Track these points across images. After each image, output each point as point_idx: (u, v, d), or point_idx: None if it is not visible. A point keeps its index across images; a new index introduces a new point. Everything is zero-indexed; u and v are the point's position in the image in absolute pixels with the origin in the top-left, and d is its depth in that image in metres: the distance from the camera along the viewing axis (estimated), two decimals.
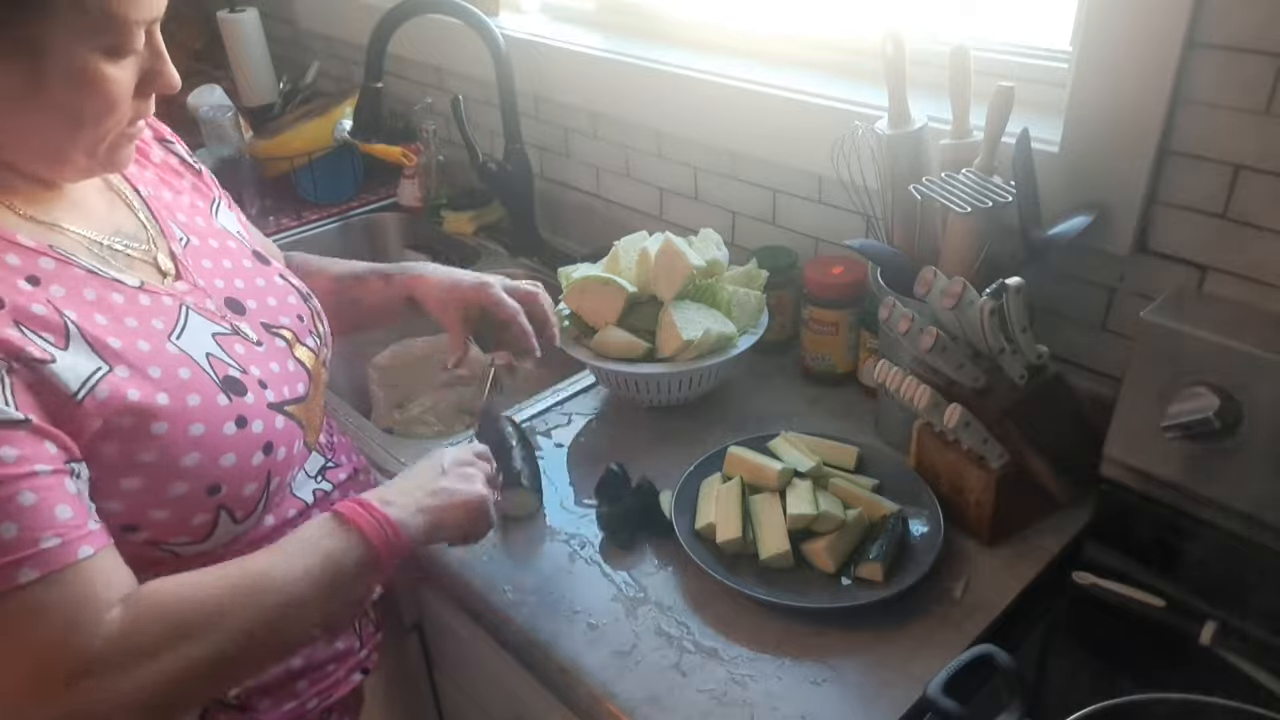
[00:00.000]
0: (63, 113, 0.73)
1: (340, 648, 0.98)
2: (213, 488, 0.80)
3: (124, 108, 0.75)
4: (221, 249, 0.95)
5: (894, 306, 0.99)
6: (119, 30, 0.71)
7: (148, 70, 0.77)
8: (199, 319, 0.85)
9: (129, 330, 0.78)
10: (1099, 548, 1.02)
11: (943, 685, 0.79)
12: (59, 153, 0.76)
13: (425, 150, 1.87)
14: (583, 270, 1.29)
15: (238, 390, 0.83)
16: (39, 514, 0.66)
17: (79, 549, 0.68)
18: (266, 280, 0.97)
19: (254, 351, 0.88)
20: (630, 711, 0.87)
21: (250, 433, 0.82)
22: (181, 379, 0.79)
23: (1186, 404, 0.89)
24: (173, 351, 0.80)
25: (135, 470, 0.75)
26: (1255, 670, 0.87)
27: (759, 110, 1.31)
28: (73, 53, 0.70)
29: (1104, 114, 0.99)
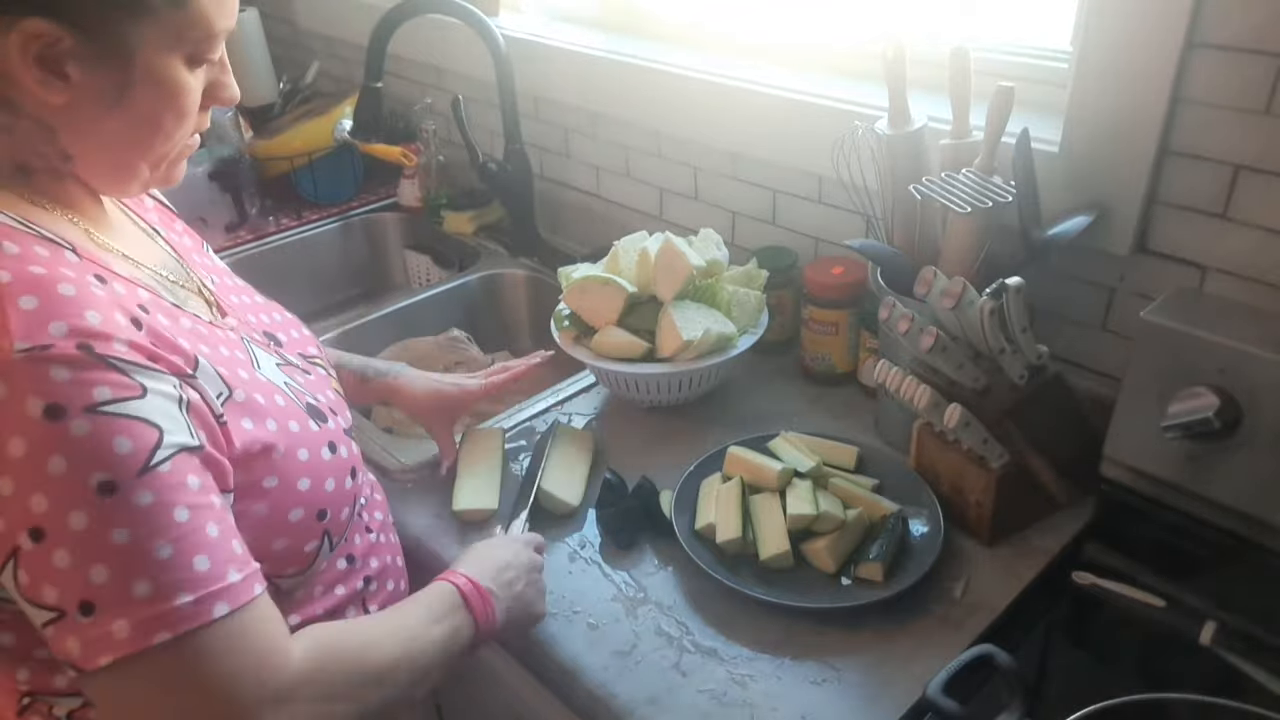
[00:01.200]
0: (142, 121, 0.70)
1: None
2: (321, 513, 0.79)
3: (194, 119, 0.74)
4: (235, 286, 0.93)
5: (894, 306, 0.99)
6: (206, 37, 0.70)
7: (213, 81, 0.75)
8: (260, 352, 0.83)
9: (225, 359, 0.76)
10: (1099, 548, 1.02)
11: (943, 685, 0.79)
12: (128, 165, 0.74)
13: (425, 150, 1.87)
14: (583, 270, 1.29)
15: (320, 417, 0.82)
16: (222, 548, 0.65)
17: (254, 585, 0.67)
18: (281, 315, 0.96)
19: (309, 380, 0.87)
20: (630, 711, 0.87)
21: (340, 458, 0.82)
22: (279, 405, 0.78)
23: (1186, 404, 0.89)
24: (263, 380, 0.78)
25: (261, 496, 0.74)
26: (1255, 670, 0.87)
27: (759, 110, 1.31)
28: (160, 59, 0.68)
29: (1104, 114, 0.99)
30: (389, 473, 1.20)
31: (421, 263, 1.90)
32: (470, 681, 1.17)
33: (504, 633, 0.87)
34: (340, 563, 0.87)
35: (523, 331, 1.73)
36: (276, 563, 0.77)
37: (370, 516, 0.94)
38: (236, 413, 0.72)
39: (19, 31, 0.62)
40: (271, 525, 0.75)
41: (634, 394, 1.24)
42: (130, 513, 0.60)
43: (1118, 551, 1.00)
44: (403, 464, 1.21)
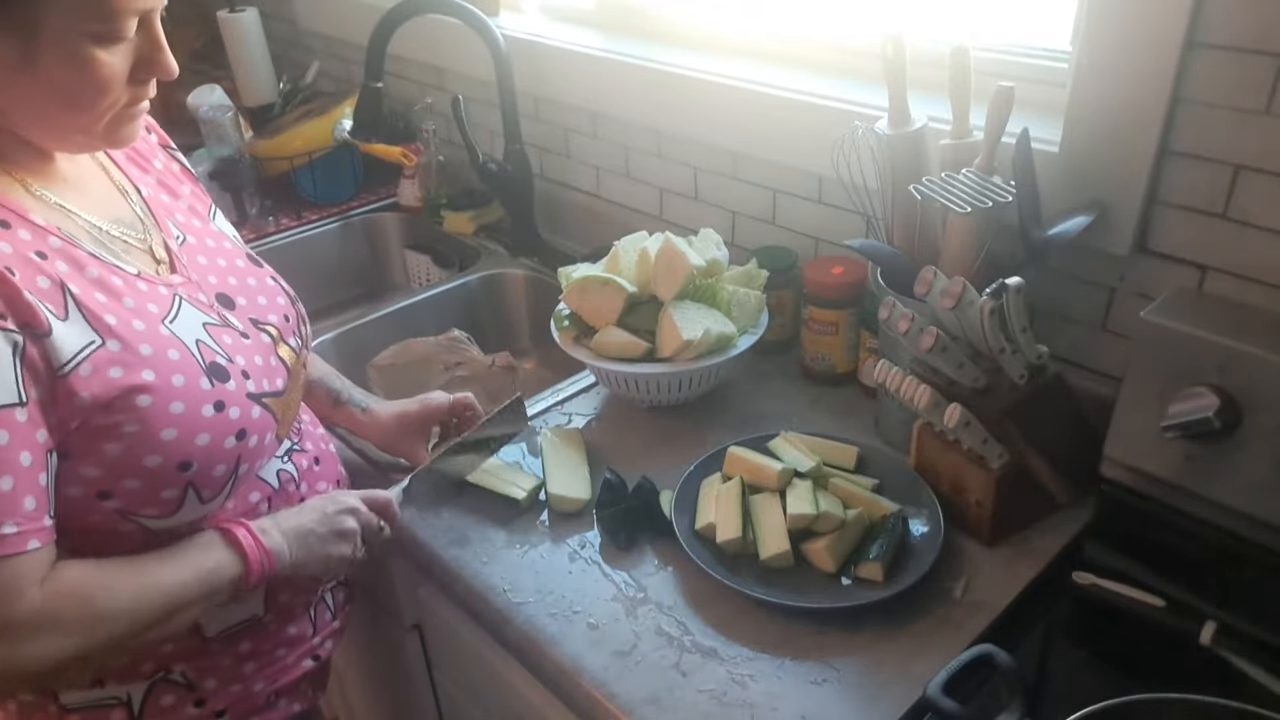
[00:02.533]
0: (56, 91, 0.76)
1: (292, 633, 1.01)
2: (184, 464, 0.83)
3: (116, 91, 0.78)
4: (217, 249, 0.98)
5: (894, 306, 0.99)
6: (110, 17, 0.74)
7: (144, 58, 0.79)
8: (191, 309, 0.89)
9: (126, 309, 0.82)
10: (1099, 548, 1.02)
11: (943, 685, 0.79)
12: (59, 128, 0.80)
13: (425, 150, 1.87)
14: (583, 270, 1.29)
15: (221, 376, 0.87)
16: (10, 500, 0.73)
17: (29, 541, 0.74)
18: (258, 280, 1.00)
19: (240, 343, 0.92)
20: (630, 711, 0.87)
21: (227, 417, 0.86)
22: (169, 359, 0.83)
23: (1186, 404, 0.89)
24: (164, 334, 0.84)
25: (117, 438, 0.79)
26: (1255, 670, 0.87)
27: (759, 110, 1.31)
28: (65, 35, 0.73)
29: (1104, 114, 0.99)
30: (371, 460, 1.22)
31: (421, 263, 1.90)
32: (470, 681, 1.17)
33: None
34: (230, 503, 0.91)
35: (523, 331, 1.73)
36: (128, 500, 0.82)
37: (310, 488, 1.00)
38: (102, 362, 0.78)
39: None
40: (124, 465, 0.80)
41: (634, 394, 1.24)
42: None
43: (1118, 551, 1.00)
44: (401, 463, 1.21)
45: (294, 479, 0.99)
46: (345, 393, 1.19)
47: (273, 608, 0.98)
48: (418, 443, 1.18)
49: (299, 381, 1.00)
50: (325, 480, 1.04)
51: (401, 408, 1.18)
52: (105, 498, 0.81)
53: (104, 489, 0.81)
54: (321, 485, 1.03)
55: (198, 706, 0.93)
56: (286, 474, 0.98)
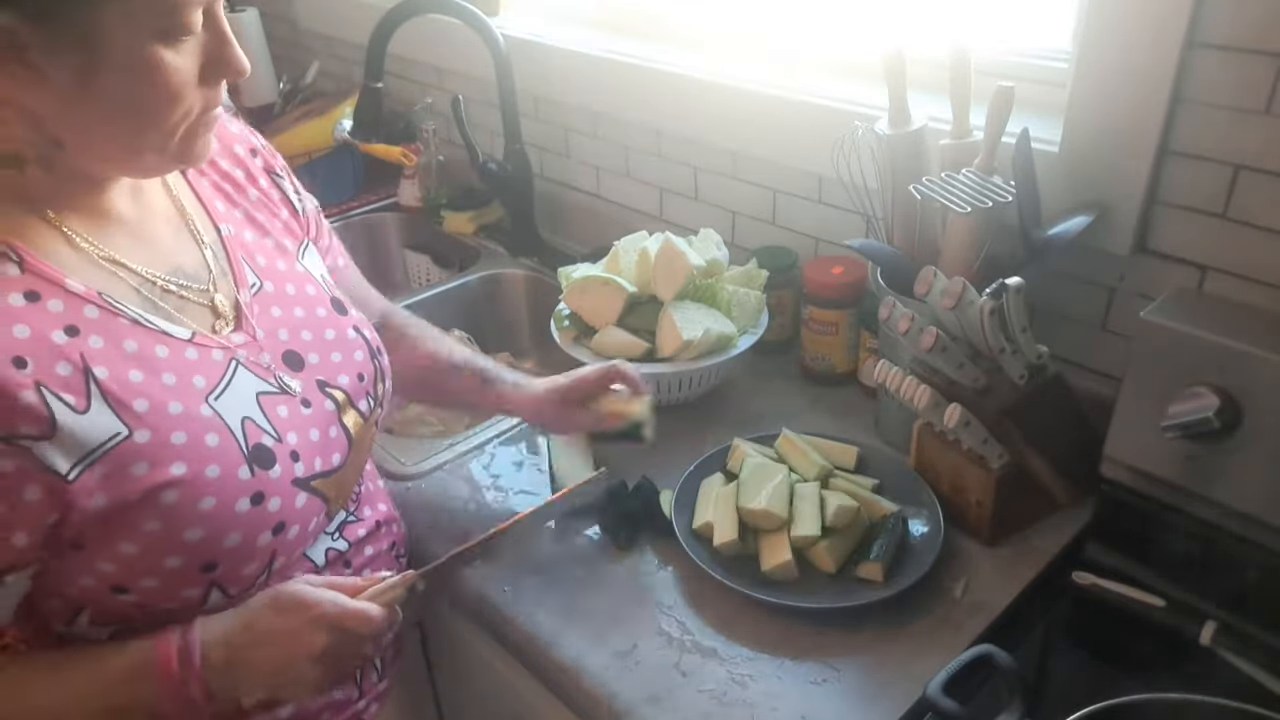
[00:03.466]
0: (124, 107, 0.69)
1: (337, 698, 0.94)
2: (209, 565, 0.77)
3: (189, 97, 0.71)
4: (297, 295, 0.90)
5: (894, 306, 0.99)
6: (171, 10, 0.67)
7: (212, 55, 0.72)
8: (247, 375, 0.81)
9: (164, 388, 0.74)
10: (1099, 548, 1.02)
11: (943, 685, 0.79)
12: (128, 149, 0.72)
13: (425, 150, 1.87)
14: (583, 270, 1.29)
15: (265, 463, 0.79)
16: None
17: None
18: (337, 332, 0.91)
19: (298, 415, 0.84)
20: (630, 711, 0.87)
21: (264, 510, 0.78)
22: (206, 446, 0.75)
23: (1186, 404, 0.89)
24: (205, 415, 0.76)
25: (135, 537, 0.73)
26: (1255, 670, 0.87)
27: (759, 110, 1.31)
28: (128, 40, 0.66)
29: (1104, 114, 0.99)
30: (394, 475, 1.20)
31: (421, 263, 1.90)
32: (470, 681, 1.17)
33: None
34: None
35: (523, 331, 1.73)
36: (148, 596, 0.76)
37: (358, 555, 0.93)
38: (126, 457, 0.71)
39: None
40: (140, 565, 0.74)
41: None
42: None
43: (1118, 551, 1.00)
44: (402, 463, 1.21)
45: (342, 555, 0.92)
46: (493, 371, 1.10)
47: None
48: (574, 412, 1.07)
49: (363, 449, 0.92)
50: (378, 544, 0.97)
51: (551, 381, 1.09)
52: (121, 592, 0.76)
53: (119, 584, 0.75)
54: (369, 550, 0.96)
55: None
56: (335, 552, 0.91)
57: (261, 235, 0.90)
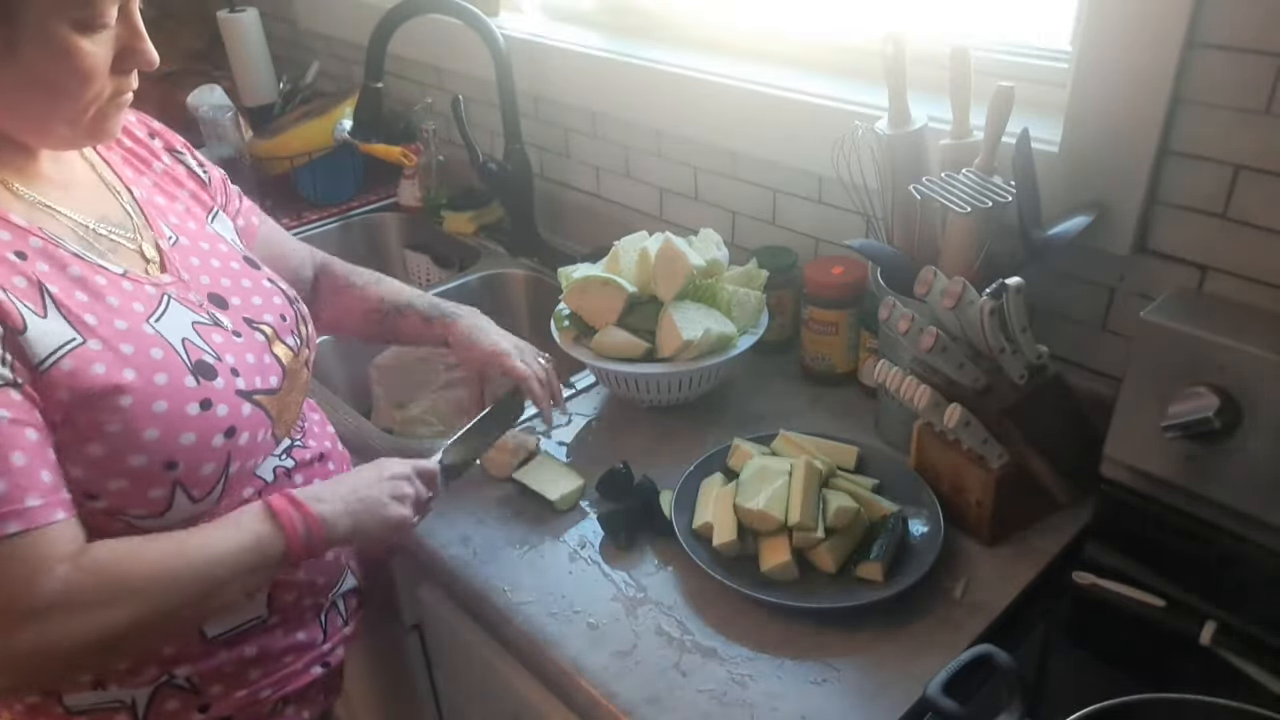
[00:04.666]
0: (38, 82, 0.76)
1: (301, 639, 0.99)
2: (170, 463, 0.82)
3: (99, 82, 0.78)
4: (211, 251, 0.98)
5: (894, 306, 0.99)
6: (90, 3, 0.74)
7: (125, 47, 0.80)
8: (179, 308, 0.88)
9: (108, 308, 0.82)
10: (1099, 548, 1.02)
11: (943, 685, 0.79)
12: (42, 121, 0.80)
13: (425, 150, 1.87)
14: (583, 270, 1.29)
15: (208, 374, 0.86)
16: (28, 474, 0.73)
17: (55, 512, 0.75)
18: (253, 281, 1.00)
19: (231, 341, 0.91)
20: (630, 711, 0.87)
21: (214, 415, 0.85)
22: (152, 358, 0.82)
23: (1186, 404, 0.89)
24: (148, 332, 0.84)
25: (99, 438, 0.79)
26: (1255, 670, 0.87)
27: (759, 110, 1.31)
28: (45, 23, 0.73)
29: (1104, 114, 0.99)
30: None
31: (421, 263, 1.90)
32: (470, 681, 1.17)
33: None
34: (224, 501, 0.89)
35: (523, 331, 1.72)
36: (116, 500, 0.82)
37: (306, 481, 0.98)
38: (83, 359, 0.78)
39: None
40: (109, 466, 0.80)
41: (634, 394, 1.24)
42: None
43: (1118, 551, 1.00)
44: None
45: (288, 473, 0.97)
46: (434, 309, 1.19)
47: (277, 610, 0.96)
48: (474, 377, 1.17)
49: (299, 380, 1.00)
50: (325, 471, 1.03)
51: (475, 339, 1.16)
52: (92, 498, 0.81)
53: (90, 490, 0.80)
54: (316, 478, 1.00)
55: (202, 712, 0.92)
56: (282, 469, 0.96)
57: (170, 200, 0.99)
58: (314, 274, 1.23)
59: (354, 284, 1.22)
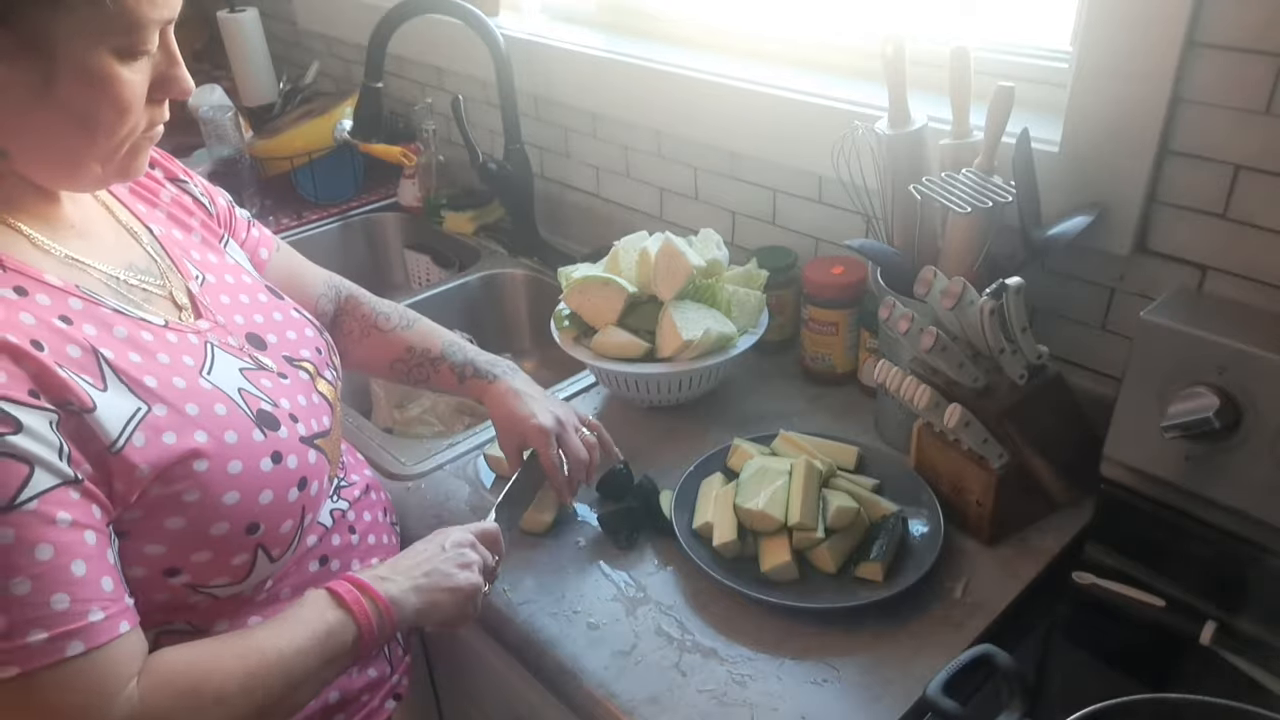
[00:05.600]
0: (76, 117, 0.70)
1: (373, 676, 0.96)
2: (252, 526, 0.78)
3: (137, 113, 0.73)
4: (237, 285, 0.93)
5: (894, 306, 0.99)
6: (134, 28, 0.68)
7: (161, 74, 0.74)
8: (225, 355, 0.83)
9: (163, 367, 0.76)
10: (1099, 548, 1.02)
11: (943, 685, 0.79)
12: (74, 161, 0.73)
13: (425, 150, 1.87)
14: (583, 270, 1.29)
15: (271, 425, 0.82)
16: (88, 585, 0.66)
17: (120, 624, 0.68)
18: (283, 314, 0.95)
19: (280, 384, 0.87)
20: (630, 711, 0.87)
21: (285, 468, 0.81)
22: (218, 415, 0.77)
23: (1186, 404, 0.89)
24: (206, 388, 0.78)
25: (178, 511, 0.74)
26: (1255, 670, 0.87)
27: (759, 110, 1.31)
28: (85, 51, 0.67)
29: (1104, 114, 0.99)
30: (391, 475, 1.20)
31: (421, 263, 1.90)
32: (470, 681, 1.17)
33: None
34: (312, 565, 0.87)
35: (523, 331, 1.73)
36: (200, 573, 0.77)
37: (358, 517, 0.94)
38: (153, 428, 0.72)
39: None
40: (191, 538, 0.75)
41: (634, 394, 1.24)
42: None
43: (1118, 551, 1.00)
44: (403, 464, 1.21)
45: (343, 514, 0.94)
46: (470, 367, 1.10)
47: None
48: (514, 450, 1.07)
49: (339, 415, 0.95)
50: (373, 509, 1.00)
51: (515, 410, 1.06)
52: (173, 574, 0.76)
53: (171, 565, 0.75)
54: (367, 515, 0.98)
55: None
56: (338, 511, 0.93)
57: (186, 233, 0.93)
58: (335, 309, 1.15)
59: (381, 328, 1.13)
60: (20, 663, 0.62)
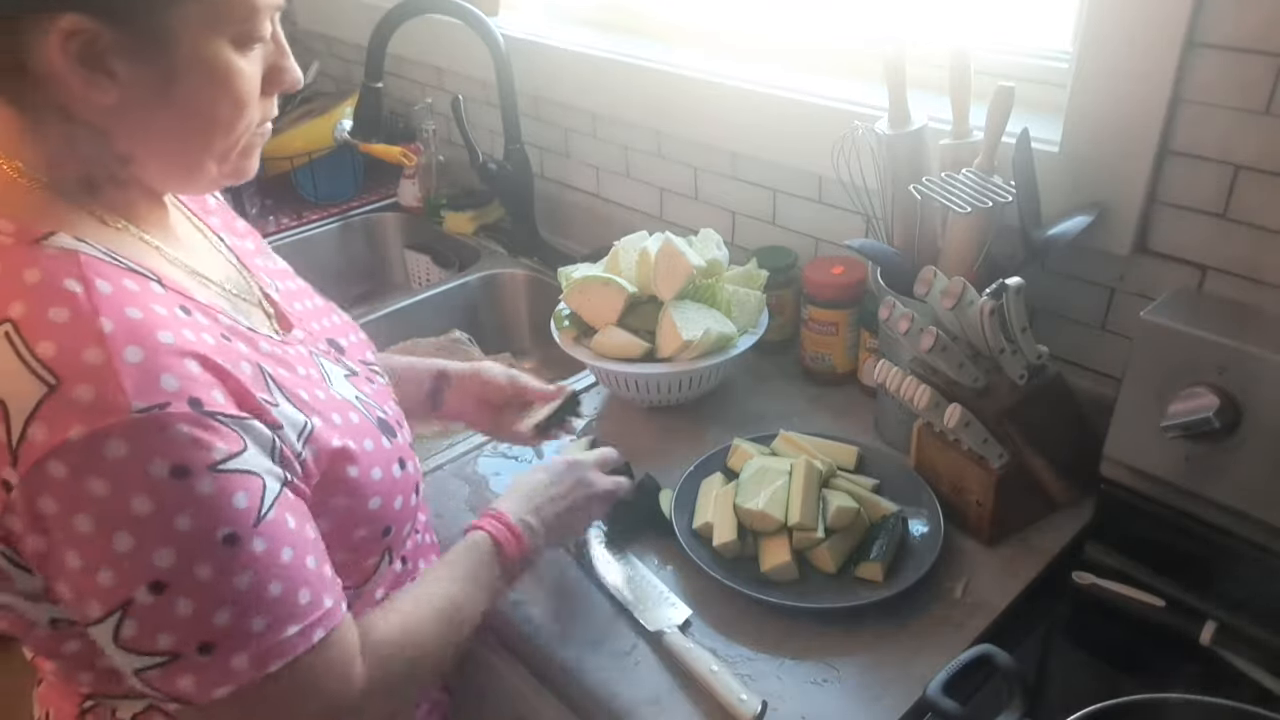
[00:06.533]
0: (196, 115, 0.68)
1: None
2: (385, 529, 0.80)
3: (253, 107, 0.71)
4: (297, 289, 0.91)
5: (894, 306, 0.99)
6: (249, 14, 0.67)
7: (273, 65, 0.72)
8: (329, 364, 0.82)
9: (301, 379, 0.75)
10: (1099, 548, 1.02)
11: (943, 685, 0.79)
12: (193, 161, 0.71)
13: (425, 150, 1.87)
14: (583, 270, 1.29)
15: (389, 432, 0.82)
16: (321, 577, 0.69)
17: (342, 606, 0.71)
18: (340, 317, 0.94)
19: (374, 390, 0.86)
20: (630, 711, 0.87)
21: (408, 473, 0.82)
22: (354, 423, 0.77)
23: (1186, 404, 0.89)
24: (337, 398, 0.78)
25: (328, 514, 0.74)
26: (1255, 670, 0.87)
27: (759, 110, 1.31)
28: (204, 43, 0.65)
29: (1104, 114, 0.99)
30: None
31: (421, 263, 1.90)
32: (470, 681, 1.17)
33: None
34: (397, 565, 0.87)
35: (523, 331, 1.73)
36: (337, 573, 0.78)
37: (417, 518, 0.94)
38: (317, 440, 0.72)
39: (56, 31, 0.60)
40: (334, 542, 0.75)
41: (634, 394, 1.24)
42: (250, 559, 0.63)
43: (1118, 551, 1.00)
44: None
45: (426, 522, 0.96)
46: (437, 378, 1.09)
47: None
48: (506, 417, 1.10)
49: None
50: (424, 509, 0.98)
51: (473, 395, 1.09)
52: None
53: None
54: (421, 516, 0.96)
55: None
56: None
57: (241, 239, 0.90)
58: None
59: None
60: (282, 655, 0.65)
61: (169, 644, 0.62)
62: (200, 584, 0.62)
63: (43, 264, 0.63)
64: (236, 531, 0.63)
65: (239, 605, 0.63)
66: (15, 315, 0.60)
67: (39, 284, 0.62)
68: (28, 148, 0.67)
